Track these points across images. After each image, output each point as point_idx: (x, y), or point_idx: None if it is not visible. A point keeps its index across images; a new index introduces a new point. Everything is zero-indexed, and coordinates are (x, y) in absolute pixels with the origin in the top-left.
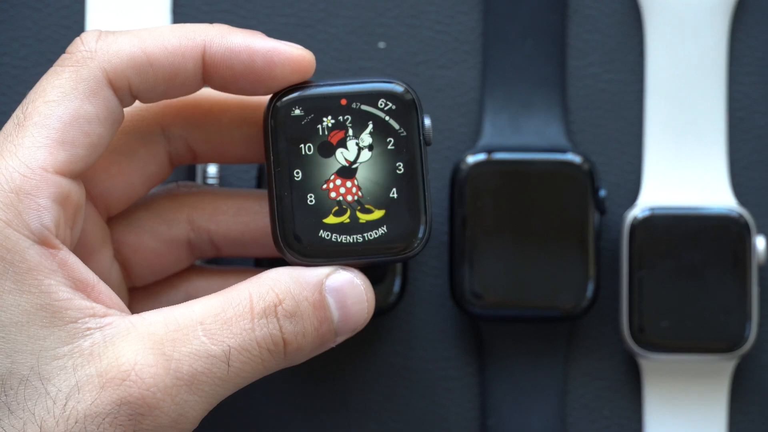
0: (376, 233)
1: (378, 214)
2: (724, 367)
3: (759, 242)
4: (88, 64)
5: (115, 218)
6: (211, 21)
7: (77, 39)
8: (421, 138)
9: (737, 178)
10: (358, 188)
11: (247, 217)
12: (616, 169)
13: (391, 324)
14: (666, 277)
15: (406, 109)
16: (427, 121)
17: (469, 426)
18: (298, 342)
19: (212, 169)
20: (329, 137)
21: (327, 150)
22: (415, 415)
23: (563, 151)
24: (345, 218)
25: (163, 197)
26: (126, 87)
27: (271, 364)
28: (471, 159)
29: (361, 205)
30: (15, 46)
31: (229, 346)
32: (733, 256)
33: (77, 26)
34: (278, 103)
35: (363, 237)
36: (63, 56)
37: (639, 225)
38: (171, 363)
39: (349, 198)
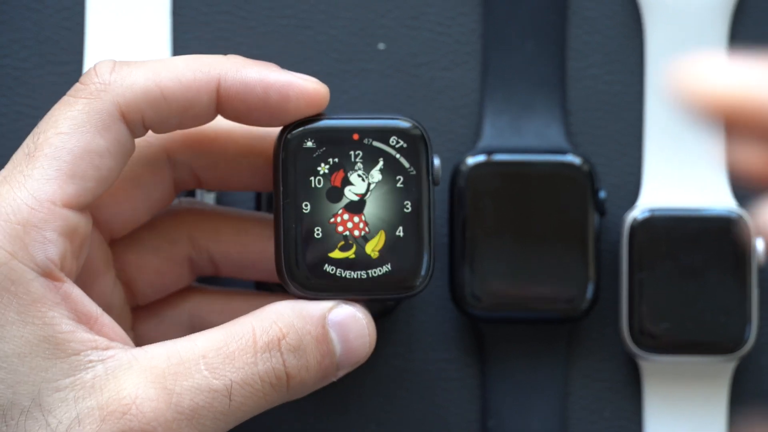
0: (380, 270)
1: (383, 251)
2: (724, 368)
3: (759, 244)
4: (102, 97)
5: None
6: (210, 22)
7: (91, 69)
8: (430, 178)
9: (737, 179)
10: (366, 224)
11: (247, 239)
12: (616, 170)
13: (392, 326)
14: (666, 279)
15: (417, 148)
16: (437, 161)
17: (469, 427)
18: (301, 376)
19: None
20: (332, 182)
21: (336, 194)
22: (416, 417)
23: (563, 152)
24: (350, 253)
25: (165, 214)
26: (139, 120)
27: (274, 398)
28: (471, 160)
29: (367, 241)
30: (15, 48)
31: (231, 380)
32: (733, 258)
33: (78, 28)
34: (290, 135)
35: (367, 273)
36: (76, 86)
37: (639, 226)
38: (172, 397)
39: (356, 233)
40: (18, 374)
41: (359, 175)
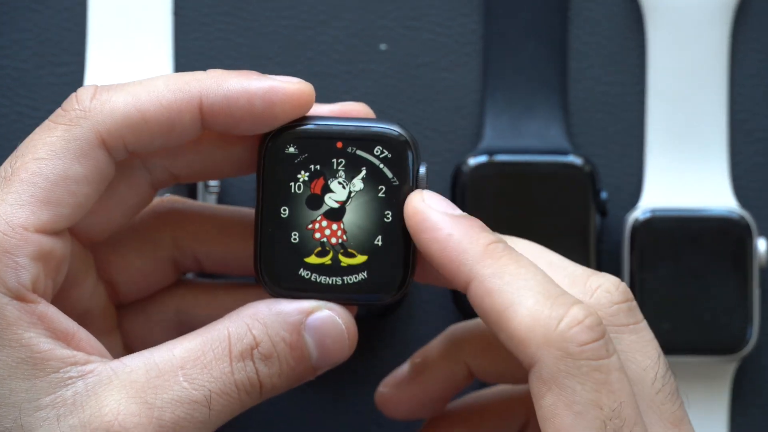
0: (355, 278)
1: (360, 259)
2: (725, 368)
3: (760, 244)
4: (81, 125)
5: None
6: (210, 23)
7: (73, 95)
8: (414, 188)
9: (738, 180)
10: (344, 231)
11: (230, 238)
12: (618, 171)
13: (392, 326)
14: (667, 279)
15: (403, 157)
16: (422, 170)
17: None
18: (272, 383)
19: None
20: (312, 189)
21: (315, 202)
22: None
23: (564, 153)
24: (327, 260)
25: (148, 216)
26: (121, 146)
27: (248, 403)
28: (472, 161)
29: (344, 248)
30: (16, 48)
31: (210, 390)
32: (734, 258)
33: (78, 28)
34: (272, 140)
35: (342, 280)
36: (57, 112)
37: (640, 227)
38: (154, 411)
39: (333, 240)
40: None
41: (340, 183)
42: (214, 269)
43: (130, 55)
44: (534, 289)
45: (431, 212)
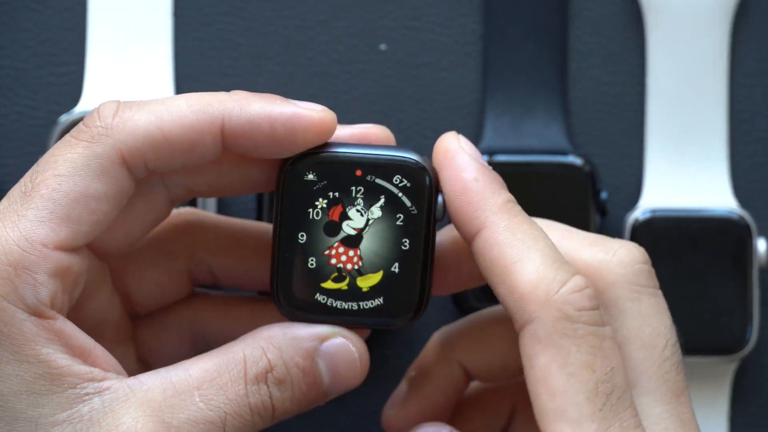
0: (371, 303)
1: (376, 285)
2: (725, 369)
3: (760, 244)
4: (103, 142)
5: None
6: (210, 23)
7: (94, 111)
8: (432, 216)
9: (738, 180)
10: (360, 258)
11: (246, 252)
12: (618, 171)
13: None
14: (667, 279)
15: (421, 186)
16: (441, 199)
17: None
18: (284, 407)
19: None
20: (330, 216)
21: (333, 228)
22: None
23: (564, 153)
24: (343, 285)
25: (164, 228)
26: (141, 164)
27: (260, 425)
28: None
29: (360, 274)
30: (16, 48)
31: (225, 412)
32: (734, 259)
33: (78, 29)
34: (292, 166)
35: (358, 305)
36: (79, 127)
37: (640, 227)
38: (170, 430)
39: (349, 267)
40: (15, 412)
41: (358, 211)
42: (229, 282)
43: (130, 56)
44: (543, 251)
45: (463, 153)
